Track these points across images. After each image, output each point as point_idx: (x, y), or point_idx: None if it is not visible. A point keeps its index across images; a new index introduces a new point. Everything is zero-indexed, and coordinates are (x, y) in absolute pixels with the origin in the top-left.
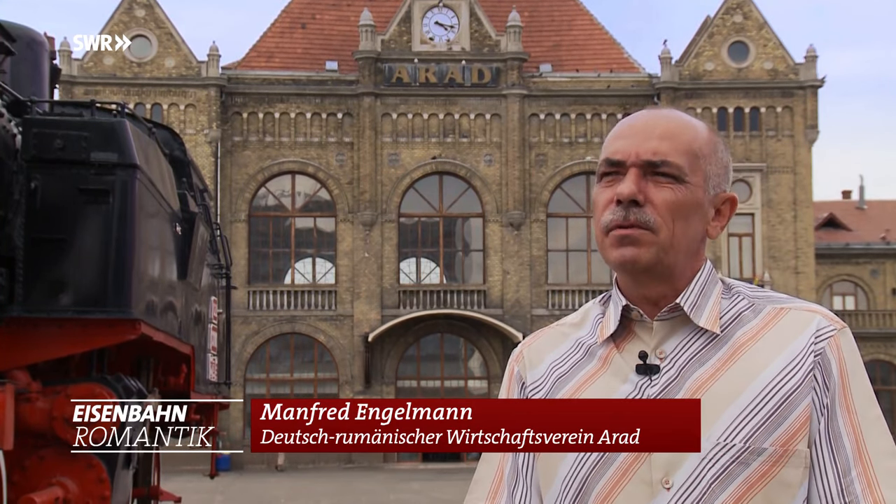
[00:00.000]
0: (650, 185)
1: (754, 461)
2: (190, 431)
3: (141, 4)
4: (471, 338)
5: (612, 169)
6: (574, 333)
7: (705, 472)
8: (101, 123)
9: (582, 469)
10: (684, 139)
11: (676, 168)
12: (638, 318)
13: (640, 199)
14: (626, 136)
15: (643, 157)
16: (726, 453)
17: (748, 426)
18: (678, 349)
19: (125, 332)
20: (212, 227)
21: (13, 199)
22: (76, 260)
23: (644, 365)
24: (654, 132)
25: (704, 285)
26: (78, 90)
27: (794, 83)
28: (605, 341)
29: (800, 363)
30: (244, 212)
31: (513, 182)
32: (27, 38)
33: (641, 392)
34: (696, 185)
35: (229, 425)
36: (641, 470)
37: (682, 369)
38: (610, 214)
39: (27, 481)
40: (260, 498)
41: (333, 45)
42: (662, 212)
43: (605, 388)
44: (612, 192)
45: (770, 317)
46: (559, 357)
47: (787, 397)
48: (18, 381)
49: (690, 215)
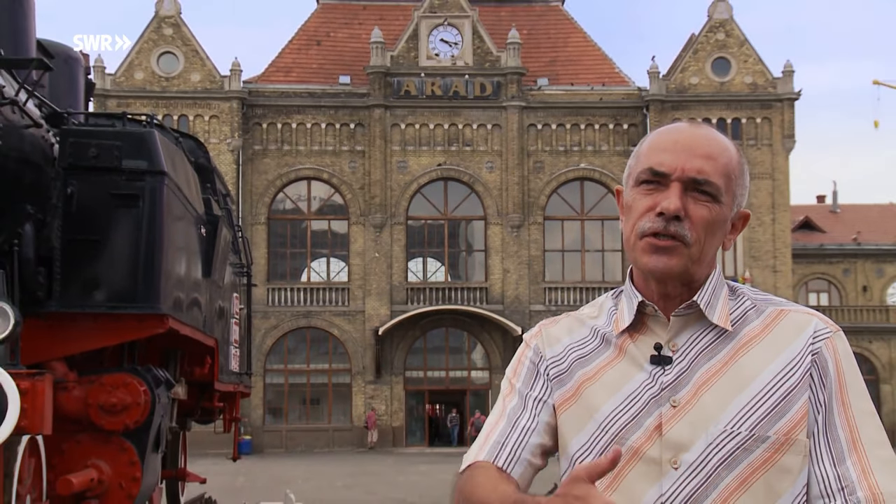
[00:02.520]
0: (690, 201)
1: (757, 448)
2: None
3: (169, 23)
4: (473, 331)
5: (654, 178)
6: (590, 322)
7: (712, 455)
8: (131, 133)
9: (598, 444)
10: (723, 161)
11: (715, 188)
12: (652, 314)
13: (682, 215)
14: (672, 150)
15: (689, 174)
16: (732, 439)
17: (753, 416)
18: (690, 343)
19: (154, 326)
20: (234, 229)
21: (51, 203)
22: (109, 259)
23: (658, 356)
24: (699, 151)
25: (716, 287)
26: (111, 103)
27: (773, 96)
28: (619, 333)
29: (799, 361)
30: (264, 215)
31: (512, 187)
32: (64, 55)
33: (655, 380)
34: (727, 204)
35: (250, 412)
36: (653, 449)
37: (693, 361)
38: (649, 222)
39: (64, 464)
40: (279, 478)
41: (346, 61)
42: (698, 227)
43: (621, 375)
44: (652, 201)
45: (771, 317)
46: (577, 341)
47: (788, 392)
48: (56, 371)
49: (718, 231)
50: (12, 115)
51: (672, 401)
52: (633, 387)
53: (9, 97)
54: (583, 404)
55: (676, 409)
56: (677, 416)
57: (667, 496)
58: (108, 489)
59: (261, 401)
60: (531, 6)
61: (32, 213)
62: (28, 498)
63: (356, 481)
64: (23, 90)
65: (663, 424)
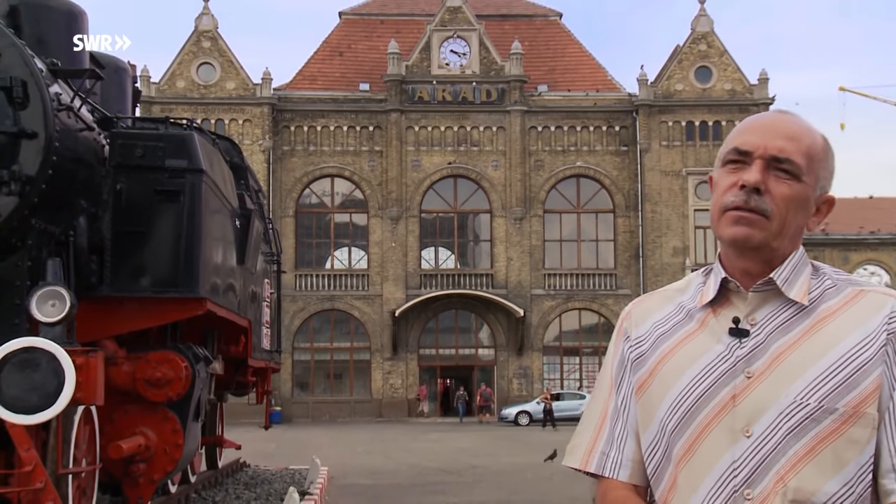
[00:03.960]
0: (771, 177)
1: (826, 419)
2: (248, 390)
3: (207, 37)
4: (480, 313)
5: (738, 157)
6: (678, 297)
7: (782, 424)
8: (173, 135)
9: (676, 413)
10: (805, 143)
11: (796, 167)
12: (735, 289)
13: (762, 189)
14: (755, 131)
15: (770, 151)
16: (801, 410)
17: (823, 388)
18: (768, 318)
19: (194, 309)
20: (265, 222)
21: (102, 198)
22: (153, 249)
23: (736, 329)
24: (781, 132)
25: (797, 265)
26: (155, 108)
27: (750, 101)
28: (703, 306)
29: (874, 338)
30: (292, 209)
31: (515, 183)
32: (114, 66)
33: (731, 352)
34: (809, 184)
35: (280, 386)
36: (727, 419)
37: (769, 336)
38: (732, 196)
39: (115, 431)
40: (306, 445)
41: (366, 70)
42: (779, 203)
43: (700, 347)
44: (736, 178)
45: (850, 296)
46: (662, 318)
47: (861, 367)
48: (107, 348)
49: (799, 209)
50: (68, 120)
51: (746, 372)
52: (711, 358)
53: (65, 104)
54: (661, 379)
55: (750, 380)
56: (751, 387)
57: (739, 462)
58: (153, 454)
59: (290, 375)
60: (532, 20)
61: (86, 207)
62: (84, 461)
63: (375, 448)
64: (77, 97)
65: (737, 395)
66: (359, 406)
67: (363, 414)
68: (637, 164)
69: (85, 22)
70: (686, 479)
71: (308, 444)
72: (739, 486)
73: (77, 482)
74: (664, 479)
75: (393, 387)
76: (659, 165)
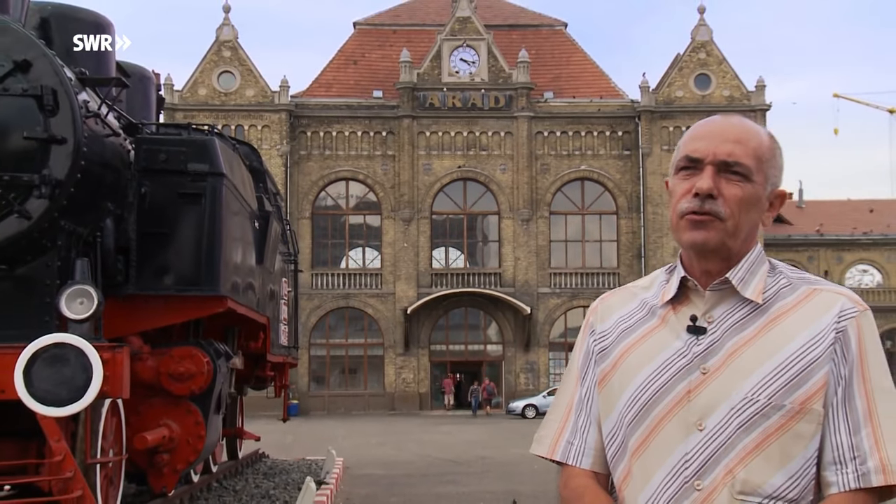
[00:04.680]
0: (723, 181)
1: (774, 414)
2: (267, 384)
3: (227, 47)
4: (489, 311)
5: (690, 164)
6: (642, 294)
7: (733, 419)
8: (195, 141)
9: (635, 405)
10: (752, 144)
11: (746, 169)
12: (693, 288)
13: (715, 193)
14: (704, 137)
15: (720, 157)
16: (752, 406)
17: (773, 385)
18: (724, 316)
19: (215, 306)
20: (283, 223)
21: (128, 201)
22: (176, 249)
23: (694, 326)
24: (729, 136)
25: (753, 264)
26: (178, 115)
27: (747, 107)
28: (665, 304)
29: (823, 337)
30: (308, 210)
31: (522, 186)
32: (139, 74)
33: (689, 349)
34: (759, 183)
35: (297, 380)
36: (682, 412)
37: (725, 333)
38: (686, 203)
39: (141, 423)
40: (322, 436)
41: (379, 78)
42: (732, 204)
43: (660, 342)
44: (689, 184)
45: (804, 295)
46: (626, 313)
47: (809, 365)
48: (133, 344)
49: (752, 208)
50: (95, 126)
51: (702, 368)
52: (669, 353)
53: (92, 111)
54: (622, 372)
55: (705, 376)
56: (705, 383)
57: (691, 455)
58: (177, 445)
59: (306, 370)
60: (538, 30)
61: (112, 209)
62: (111, 451)
63: (388, 439)
64: (104, 104)
65: (692, 390)
66: (372, 399)
67: (376, 407)
68: (639, 167)
69: (111, 32)
70: (640, 470)
71: (324, 436)
72: (690, 478)
73: (104, 471)
74: (620, 468)
75: (405, 381)
76: (660, 169)
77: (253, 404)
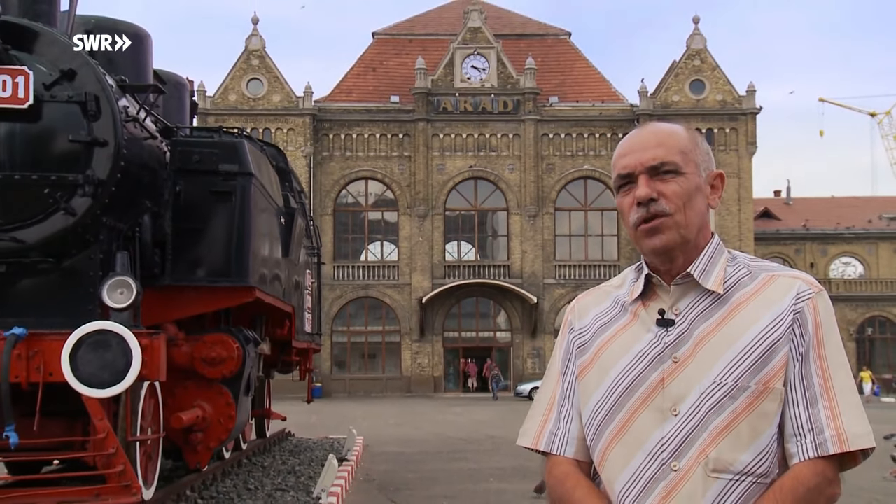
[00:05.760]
0: (658, 182)
1: (741, 396)
2: (292, 369)
3: (256, 56)
4: (498, 300)
5: (625, 180)
6: (614, 293)
7: (704, 403)
8: (226, 143)
9: (612, 395)
10: (672, 142)
11: (674, 164)
12: (658, 284)
13: (655, 196)
14: (628, 152)
15: (647, 164)
16: (720, 389)
17: (738, 369)
18: (689, 307)
19: (244, 296)
20: (307, 219)
21: (164, 199)
22: (208, 243)
23: (662, 319)
24: (650, 143)
25: (712, 256)
26: (210, 119)
27: (739, 111)
28: (635, 300)
29: (782, 319)
30: (330, 207)
31: (529, 184)
32: (174, 82)
33: (660, 340)
34: (692, 172)
35: (320, 364)
36: (657, 399)
37: (692, 323)
38: (635, 214)
39: (176, 404)
40: (343, 416)
41: (396, 84)
42: (674, 199)
43: (633, 336)
44: (631, 197)
45: (763, 282)
46: (602, 311)
47: (771, 346)
48: (169, 331)
49: (694, 196)
50: (134, 130)
51: (673, 357)
52: (642, 346)
53: (132, 115)
54: (600, 365)
55: (677, 364)
56: (677, 371)
57: (667, 438)
58: (210, 424)
59: (329, 355)
60: (544, 39)
61: (150, 206)
62: (149, 430)
63: (404, 420)
64: (142, 109)
65: (666, 378)
66: (390, 383)
67: (394, 390)
68: None
69: (149, 43)
70: (620, 454)
71: (345, 417)
72: (667, 460)
73: (144, 448)
74: (599, 452)
75: (420, 366)
76: None
77: (279, 387)
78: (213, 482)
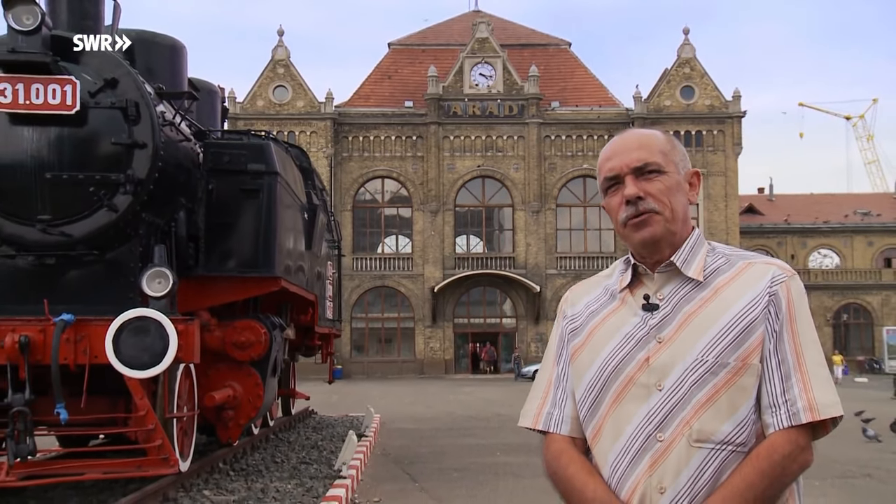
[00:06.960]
0: (643, 182)
1: (721, 371)
2: (315, 352)
3: (281, 65)
4: (504, 289)
5: (612, 182)
6: (604, 282)
7: (687, 378)
8: (254, 145)
9: (603, 374)
10: (653, 145)
11: (656, 164)
12: (644, 272)
13: (642, 195)
14: (613, 156)
15: (631, 165)
16: (702, 365)
17: (719, 346)
18: (673, 292)
19: (271, 286)
20: (328, 215)
21: (198, 196)
22: (238, 237)
23: (648, 304)
24: (632, 146)
25: (693, 247)
26: (239, 123)
27: (725, 114)
28: (623, 288)
29: (759, 301)
30: (349, 204)
31: (532, 182)
32: (207, 88)
33: (645, 323)
34: (672, 171)
35: (341, 348)
36: (643, 377)
37: (675, 307)
38: (624, 213)
39: (209, 384)
40: (362, 396)
41: (410, 90)
42: (660, 196)
43: (621, 320)
44: (619, 197)
45: (741, 269)
46: (593, 298)
47: (748, 325)
48: (202, 317)
49: (676, 192)
50: (171, 133)
51: (658, 338)
52: (629, 328)
53: (168, 120)
54: (591, 346)
55: (661, 344)
56: (662, 350)
57: (653, 412)
58: (240, 403)
59: (348, 340)
60: (546, 48)
61: (185, 203)
62: (185, 408)
63: (418, 399)
64: (178, 114)
65: (651, 357)
66: (405, 365)
67: (408, 371)
68: None
69: (184, 54)
70: (610, 428)
71: (364, 396)
72: (653, 431)
73: (180, 425)
74: (591, 427)
75: (433, 349)
76: None
77: (303, 369)
78: (243, 455)
